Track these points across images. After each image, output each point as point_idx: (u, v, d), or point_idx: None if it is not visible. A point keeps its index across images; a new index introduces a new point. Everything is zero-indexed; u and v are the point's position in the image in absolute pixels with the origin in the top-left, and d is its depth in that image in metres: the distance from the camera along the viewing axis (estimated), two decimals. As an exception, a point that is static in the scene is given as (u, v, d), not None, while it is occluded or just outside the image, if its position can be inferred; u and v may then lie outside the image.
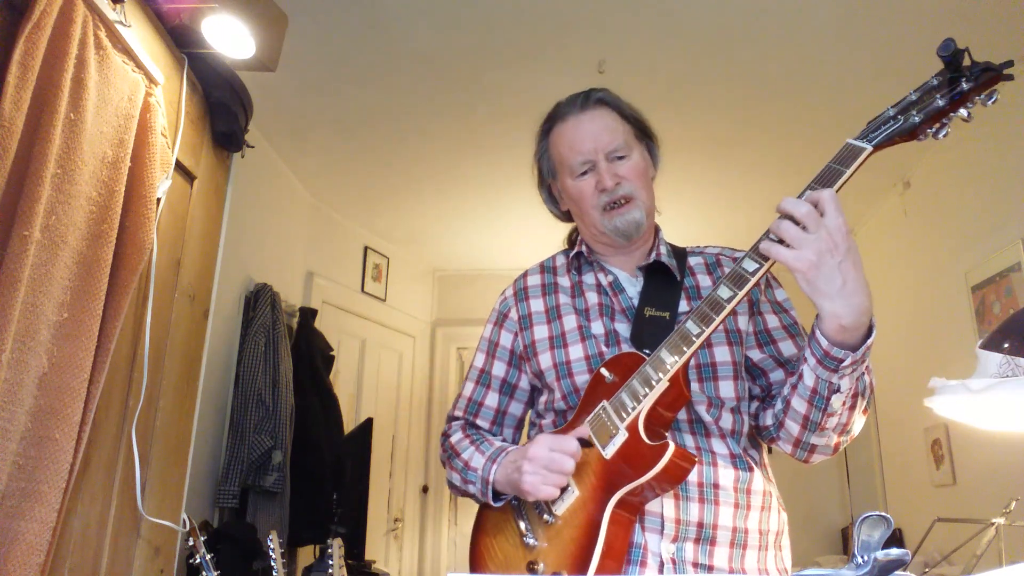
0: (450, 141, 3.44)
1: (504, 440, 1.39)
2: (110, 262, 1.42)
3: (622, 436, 1.10)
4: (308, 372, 3.41)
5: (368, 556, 3.74)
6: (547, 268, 1.43)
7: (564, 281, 1.38)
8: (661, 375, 1.08)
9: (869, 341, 1.00)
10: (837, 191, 0.99)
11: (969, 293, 3.06)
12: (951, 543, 2.25)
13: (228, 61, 1.91)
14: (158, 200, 1.64)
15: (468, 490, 1.30)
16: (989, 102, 0.98)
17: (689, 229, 4.13)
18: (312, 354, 3.48)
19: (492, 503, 1.24)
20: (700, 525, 1.14)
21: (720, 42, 2.71)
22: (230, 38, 1.81)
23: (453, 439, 1.39)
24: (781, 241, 0.99)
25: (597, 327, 1.28)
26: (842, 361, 1.00)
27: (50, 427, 1.26)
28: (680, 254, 1.38)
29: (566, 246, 1.48)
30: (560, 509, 1.15)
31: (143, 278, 1.61)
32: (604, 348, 1.26)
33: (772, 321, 1.31)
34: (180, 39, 1.79)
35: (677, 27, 2.63)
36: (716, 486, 1.16)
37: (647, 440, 1.08)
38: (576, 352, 1.27)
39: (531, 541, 1.17)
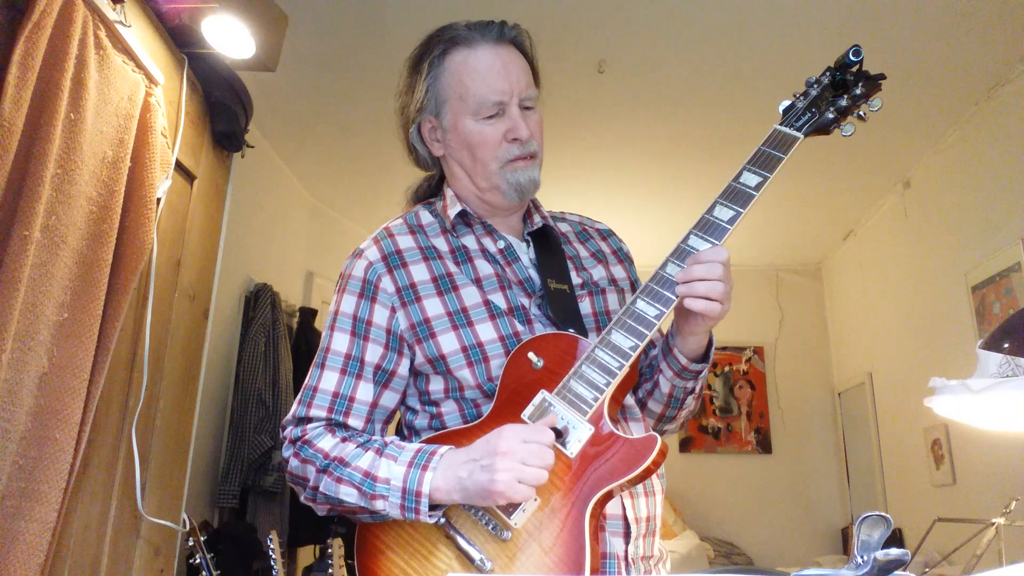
0: (450, 141, 3.43)
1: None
2: (110, 262, 1.42)
3: (586, 431, 0.99)
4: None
5: (368, 556, 3.73)
6: (416, 228, 1.20)
7: (441, 244, 1.17)
8: (622, 360, 0.99)
9: (712, 348, 1.13)
10: (777, 173, 1.08)
11: (969, 293, 3.06)
12: (951, 543, 2.25)
13: (228, 61, 1.91)
14: (158, 200, 1.64)
15: (374, 507, 1.02)
16: (876, 106, 1.12)
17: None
18: (312, 354, 3.48)
19: (426, 518, 1.00)
20: (648, 519, 1.10)
21: (720, 42, 2.71)
22: (230, 38, 1.81)
23: (323, 444, 1.07)
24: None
25: (500, 301, 1.12)
26: (699, 372, 1.13)
27: (50, 427, 1.26)
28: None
29: (409, 206, 1.27)
30: (519, 521, 0.98)
31: (143, 278, 1.61)
32: (519, 326, 1.10)
33: (619, 272, 1.29)
34: (180, 39, 1.79)
35: (677, 27, 2.63)
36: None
37: (621, 433, 0.99)
38: (487, 332, 1.09)
39: (487, 564, 0.98)
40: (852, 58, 1.13)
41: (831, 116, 1.12)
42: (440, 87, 1.16)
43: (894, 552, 0.62)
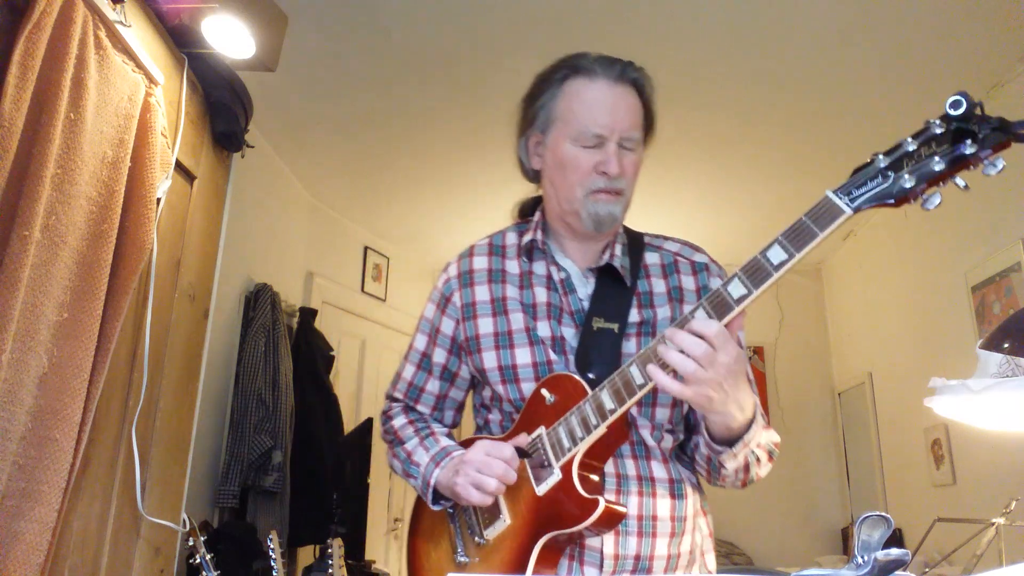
0: (450, 141, 3.44)
1: (445, 423, 1.38)
2: (110, 262, 1.42)
3: (555, 477, 1.09)
4: (308, 372, 3.41)
5: (368, 556, 3.74)
6: (496, 248, 1.33)
7: (512, 267, 1.29)
8: (600, 420, 1.06)
9: (747, 436, 1.06)
10: (810, 250, 0.94)
11: (969, 293, 3.06)
12: (951, 543, 2.25)
13: (228, 61, 1.91)
14: (158, 200, 1.64)
15: (409, 482, 1.27)
16: (993, 170, 0.81)
17: (690, 229, 4.13)
18: (312, 354, 3.48)
19: (431, 506, 1.23)
20: (637, 558, 1.13)
21: (720, 44, 2.71)
22: (230, 38, 1.81)
23: (396, 423, 1.35)
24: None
25: (543, 329, 1.22)
26: (722, 452, 1.09)
27: (50, 427, 1.26)
28: (637, 246, 1.30)
29: (517, 218, 1.39)
30: (491, 534, 1.15)
31: (143, 278, 1.61)
32: (552, 355, 1.20)
33: None
34: (180, 39, 1.79)
35: (677, 27, 2.63)
36: (654, 518, 1.15)
37: (579, 489, 1.06)
38: (523, 357, 1.21)
39: (462, 558, 1.17)
40: (951, 111, 0.82)
41: (907, 185, 0.86)
42: (553, 107, 1.23)
43: (894, 552, 0.62)
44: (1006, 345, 1.38)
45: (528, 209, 1.39)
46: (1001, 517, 1.95)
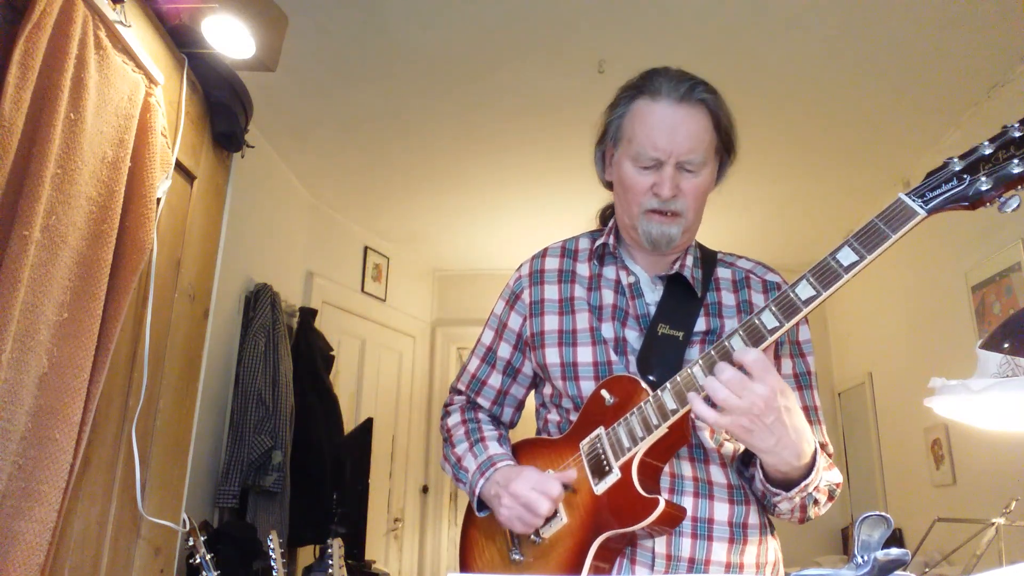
0: (450, 141, 3.44)
1: (504, 420, 1.40)
2: (110, 262, 1.42)
3: (615, 476, 1.09)
4: (308, 372, 3.41)
5: (368, 556, 3.74)
6: (568, 252, 1.35)
7: (583, 270, 1.31)
8: (661, 421, 1.05)
9: (804, 483, 1.03)
10: (882, 252, 0.91)
11: (969, 293, 3.06)
12: (951, 543, 2.25)
13: (228, 61, 1.91)
14: (158, 200, 1.64)
15: (458, 486, 1.32)
16: None
17: (689, 229, 4.13)
18: (312, 354, 3.48)
19: (477, 513, 1.25)
20: (692, 561, 1.11)
21: (720, 43, 2.71)
22: (230, 38, 1.81)
23: (451, 421, 1.37)
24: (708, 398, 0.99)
25: (607, 330, 1.23)
26: (777, 495, 1.07)
27: (50, 427, 1.26)
28: (709, 261, 1.30)
29: (598, 224, 1.40)
30: (547, 533, 1.15)
31: (143, 278, 1.61)
32: (613, 356, 1.20)
33: (786, 367, 1.24)
34: (180, 39, 1.79)
35: (677, 27, 2.63)
36: (711, 521, 1.13)
37: (639, 488, 1.05)
38: (585, 355, 1.22)
39: (516, 556, 1.18)
40: None
41: (983, 187, 0.87)
42: (621, 125, 1.24)
43: (894, 552, 0.62)
44: (1006, 345, 1.38)
45: (609, 215, 1.39)
46: (1001, 517, 1.95)
